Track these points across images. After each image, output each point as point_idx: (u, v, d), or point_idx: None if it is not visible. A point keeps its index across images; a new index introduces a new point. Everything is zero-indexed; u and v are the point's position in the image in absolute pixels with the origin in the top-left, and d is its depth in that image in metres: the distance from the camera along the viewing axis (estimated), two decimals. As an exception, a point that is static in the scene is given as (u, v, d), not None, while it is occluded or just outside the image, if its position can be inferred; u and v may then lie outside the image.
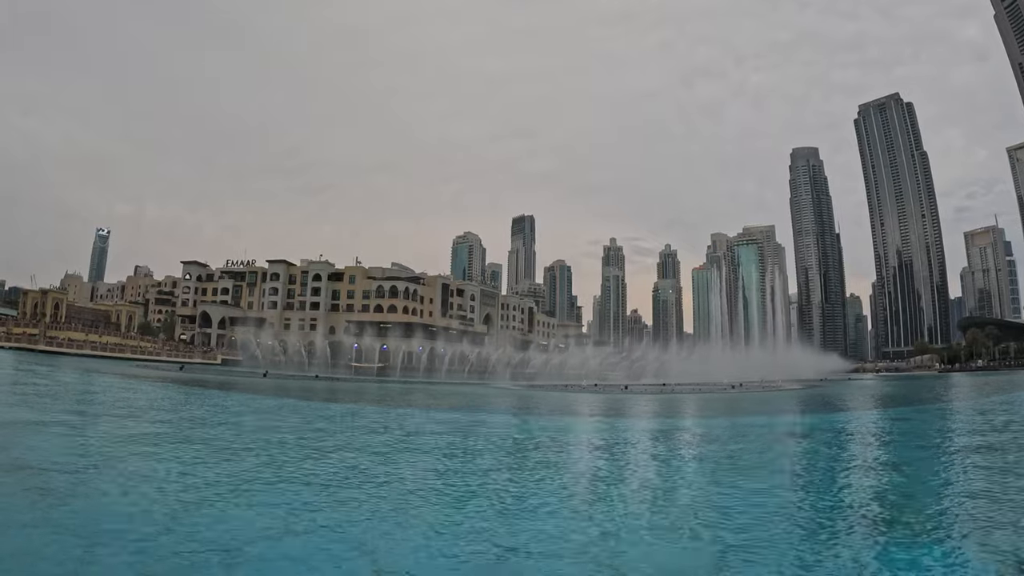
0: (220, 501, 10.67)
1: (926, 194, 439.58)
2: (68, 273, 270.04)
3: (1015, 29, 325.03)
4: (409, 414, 32.53)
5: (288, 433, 21.89)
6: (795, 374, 72.48)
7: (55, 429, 19.30)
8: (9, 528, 8.65)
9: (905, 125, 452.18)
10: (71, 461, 13.97)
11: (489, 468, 16.53)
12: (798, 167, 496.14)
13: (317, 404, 37.46)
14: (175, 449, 16.82)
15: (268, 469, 14.50)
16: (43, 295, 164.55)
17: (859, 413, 37.28)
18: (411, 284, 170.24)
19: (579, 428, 29.57)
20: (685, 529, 9.85)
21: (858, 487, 13.69)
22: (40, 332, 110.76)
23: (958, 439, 22.89)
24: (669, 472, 16.63)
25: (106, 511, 9.72)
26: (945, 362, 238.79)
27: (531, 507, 11.54)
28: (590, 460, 18.87)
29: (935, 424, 29.56)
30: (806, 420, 33.30)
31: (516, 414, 36.61)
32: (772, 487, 13.68)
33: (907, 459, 17.66)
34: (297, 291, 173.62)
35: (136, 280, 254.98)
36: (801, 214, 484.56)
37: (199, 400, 36.68)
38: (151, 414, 26.81)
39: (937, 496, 12.48)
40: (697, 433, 27.24)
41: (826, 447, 21.79)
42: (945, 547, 8.65)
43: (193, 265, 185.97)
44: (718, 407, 42.07)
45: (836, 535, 9.48)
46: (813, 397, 54.26)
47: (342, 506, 10.84)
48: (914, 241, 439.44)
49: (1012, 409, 35.01)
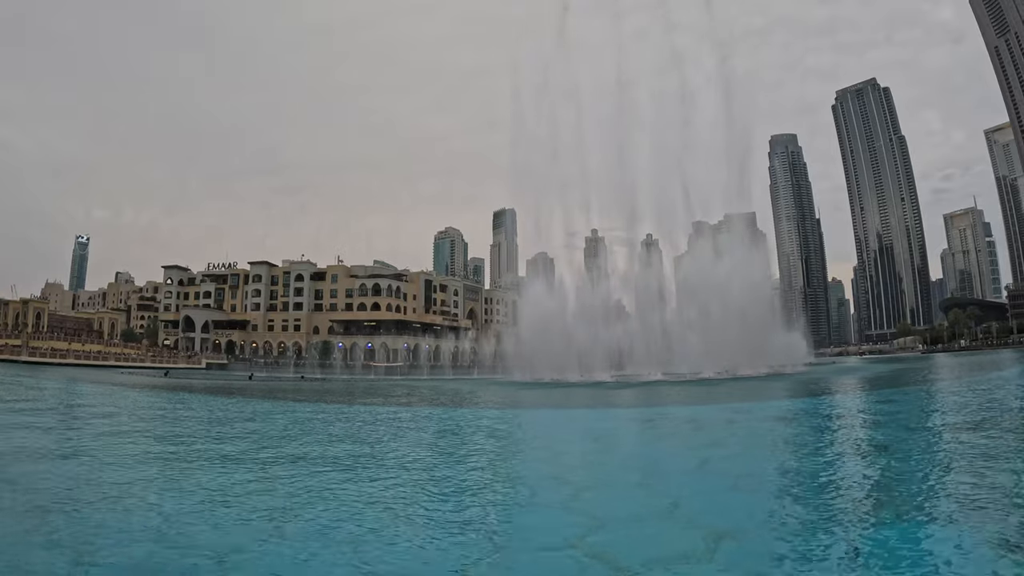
0: (215, 505, 10.55)
1: (905, 178, 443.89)
2: (49, 282, 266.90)
3: (990, 13, 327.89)
4: (395, 411, 32.38)
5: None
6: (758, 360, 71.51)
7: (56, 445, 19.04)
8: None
9: (882, 110, 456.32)
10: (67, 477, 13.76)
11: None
12: (777, 154, 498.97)
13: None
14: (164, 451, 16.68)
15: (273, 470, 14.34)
16: (24, 305, 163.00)
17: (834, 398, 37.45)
18: (394, 281, 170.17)
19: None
20: (672, 515, 9.84)
21: (843, 470, 13.73)
22: (23, 343, 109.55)
23: (944, 419, 23.04)
24: (647, 459, 16.63)
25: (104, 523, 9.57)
26: (928, 343, 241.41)
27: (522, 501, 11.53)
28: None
29: (920, 405, 29.76)
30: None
31: (501, 407, 36.59)
32: (750, 472, 13.69)
33: (892, 440, 17.74)
34: (280, 292, 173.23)
35: (117, 287, 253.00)
36: (781, 200, 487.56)
37: (185, 405, 36.36)
38: (140, 423, 26.54)
39: (924, 476, 12.53)
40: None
41: (811, 430, 21.89)
42: (931, 527, 8.67)
43: (174, 269, 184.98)
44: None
45: (822, 518, 9.48)
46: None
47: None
48: (894, 224, 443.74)
49: (999, 388, 35.29)
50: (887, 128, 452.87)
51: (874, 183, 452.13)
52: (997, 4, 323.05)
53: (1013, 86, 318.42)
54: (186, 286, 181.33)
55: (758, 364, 70.60)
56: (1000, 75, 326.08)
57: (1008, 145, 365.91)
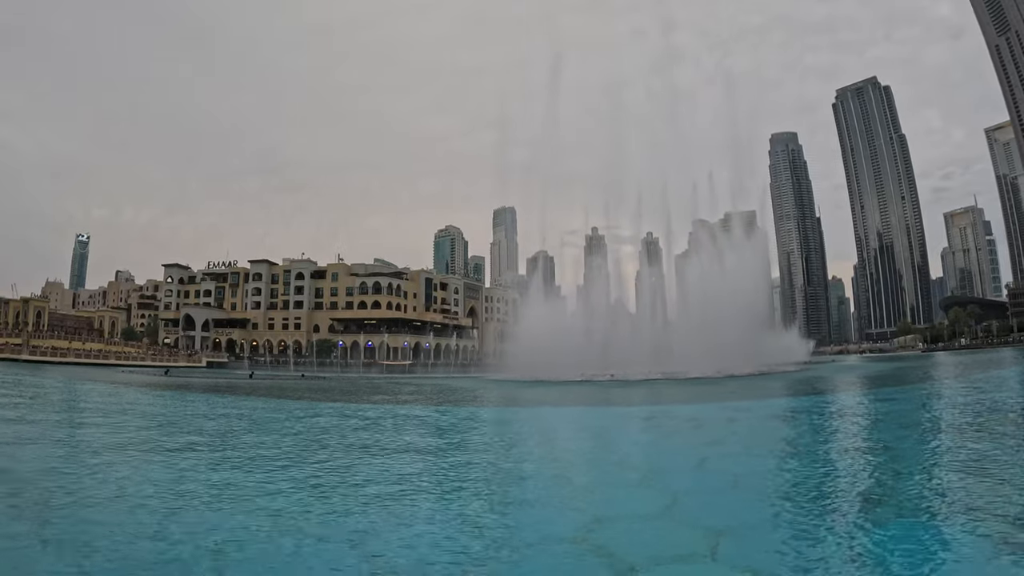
0: (216, 503, 10.60)
1: (905, 176, 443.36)
2: (49, 280, 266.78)
3: (991, 11, 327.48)
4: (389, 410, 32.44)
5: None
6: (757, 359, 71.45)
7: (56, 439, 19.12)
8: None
9: (883, 108, 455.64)
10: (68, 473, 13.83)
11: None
12: (777, 152, 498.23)
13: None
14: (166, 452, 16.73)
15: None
16: (24, 304, 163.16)
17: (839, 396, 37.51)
18: (394, 279, 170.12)
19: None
20: (672, 513, 9.90)
21: (842, 467, 13.78)
22: (23, 342, 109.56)
23: (943, 418, 23.09)
24: (648, 456, 16.69)
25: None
26: (928, 341, 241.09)
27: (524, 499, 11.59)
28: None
29: (921, 403, 29.81)
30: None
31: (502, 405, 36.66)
32: (749, 471, 13.74)
33: (893, 438, 17.79)
34: (280, 290, 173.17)
35: (117, 285, 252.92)
36: (781, 199, 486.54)
37: (184, 403, 36.44)
38: (143, 420, 26.60)
39: (925, 475, 12.59)
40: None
41: (811, 429, 21.94)
42: (931, 526, 8.73)
43: (175, 268, 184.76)
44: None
45: (822, 516, 9.54)
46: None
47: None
48: (894, 223, 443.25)
49: (999, 387, 35.35)
50: (887, 126, 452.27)
51: (874, 181, 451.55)
52: (997, 2, 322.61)
53: (1014, 84, 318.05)
54: (186, 284, 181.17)
55: (757, 362, 70.61)
56: (1000, 74, 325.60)
57: (1008, 144, 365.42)
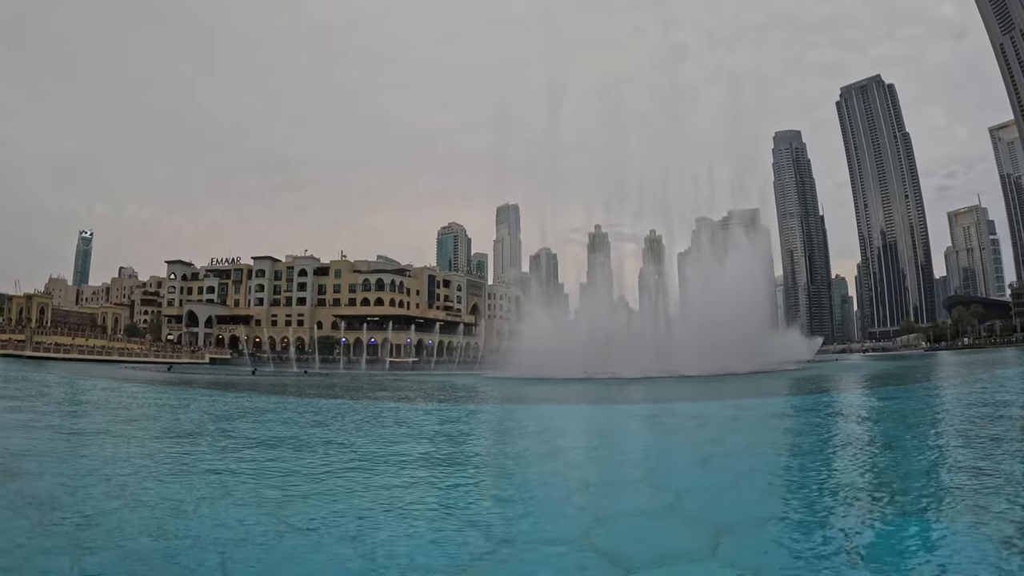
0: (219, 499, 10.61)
1: (909, 175, 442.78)
2: (52, 277, 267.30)
3: (995, 10, 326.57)
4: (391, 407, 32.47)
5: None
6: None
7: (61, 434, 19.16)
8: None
9: (887, 107, 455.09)
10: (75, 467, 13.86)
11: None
12: (781, 150, 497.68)
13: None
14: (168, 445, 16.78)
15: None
16: (28, 300, 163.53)
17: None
18: (397, 276, 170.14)
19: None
20: (675, 511, 9.89)
21: (844, 466, 13.76)
22: (27, 338, 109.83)
23: (947, 417, 23.07)
24: (650, 454, 16.69)
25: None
26: (931, 341, 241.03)
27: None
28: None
29: (923, 402, 29.79)
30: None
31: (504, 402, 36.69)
32: (752, 468, 13.74)
33: (896, 437, 17.78)
34: (283, 287, 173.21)
35: (121, 282, 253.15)
36: (785, 197, 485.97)
37: (187, 400, 36.52)
38: (153, 414, 26.67)
39: (928, 474, 12.58)
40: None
41: (813, 427, 21.92)
42: (933, 525, 8.72)
43: (178, 264, 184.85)
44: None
45: (824, 514, 9.54)
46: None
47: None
48: (898, 221, 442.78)
49: (1002, 386, 35.32)
50: (891, 125, 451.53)
51: (878, 180, 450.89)
52: (1002, 1, 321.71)
53: (1018, 84, 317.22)
54: (189, 281, 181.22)
55: (760, 361, 70.57)
56: (1005, 73, 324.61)
57: (1013, 143, 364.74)
